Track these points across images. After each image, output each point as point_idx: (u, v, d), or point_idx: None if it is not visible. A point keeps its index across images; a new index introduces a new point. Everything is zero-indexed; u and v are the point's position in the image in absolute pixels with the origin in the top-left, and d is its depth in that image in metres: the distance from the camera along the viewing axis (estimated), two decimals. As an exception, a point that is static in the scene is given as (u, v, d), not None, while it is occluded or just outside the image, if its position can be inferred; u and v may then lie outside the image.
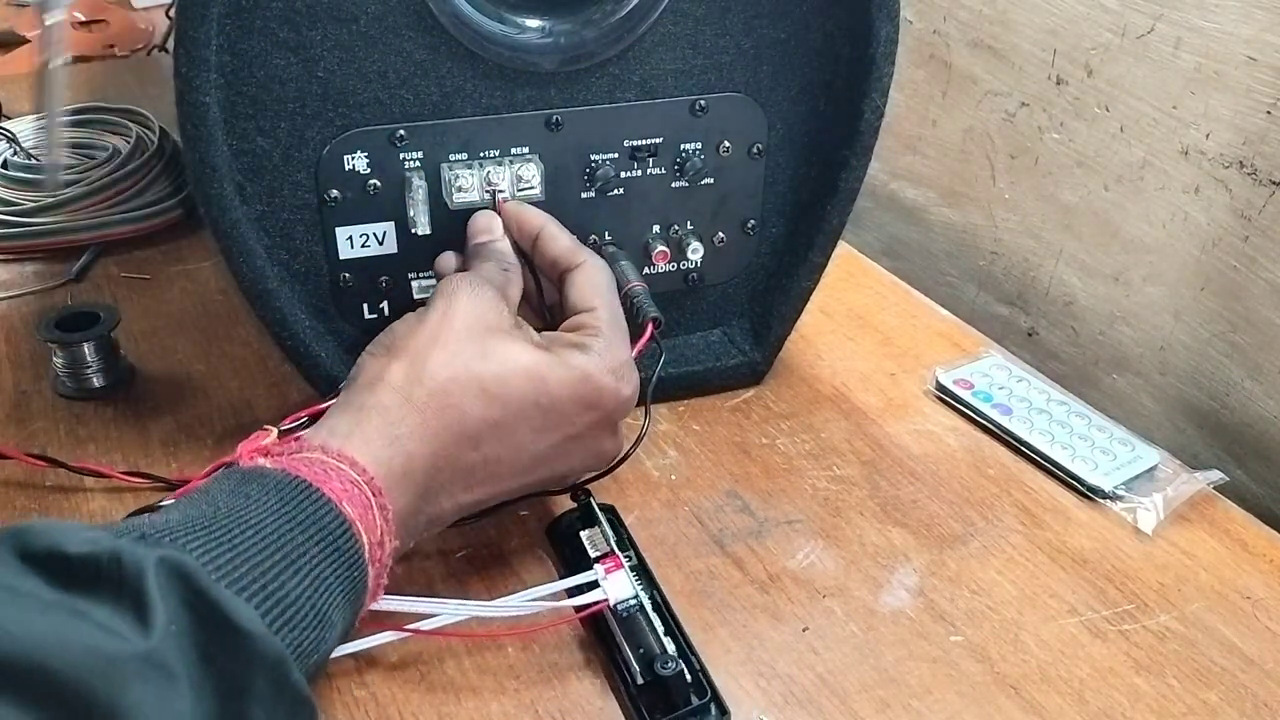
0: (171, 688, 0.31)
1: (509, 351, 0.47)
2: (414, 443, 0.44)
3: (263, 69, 0.52)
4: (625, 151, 0.60)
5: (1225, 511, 0.60)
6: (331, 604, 0.38)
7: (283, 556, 0.37)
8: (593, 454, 0.51)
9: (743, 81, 0.60)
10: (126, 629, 0.31)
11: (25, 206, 0.84)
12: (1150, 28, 0.69)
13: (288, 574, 0.37)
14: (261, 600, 0.35)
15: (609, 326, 0.51)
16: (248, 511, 0.38)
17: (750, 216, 0.65)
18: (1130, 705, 0.48)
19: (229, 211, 0.53)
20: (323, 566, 0.38)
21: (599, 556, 0.51)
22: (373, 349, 0.48)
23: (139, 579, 0.32)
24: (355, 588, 0.40)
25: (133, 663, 0.30)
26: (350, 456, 0.42)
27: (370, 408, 0.44)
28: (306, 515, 0.39)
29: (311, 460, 0.41)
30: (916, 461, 0.63)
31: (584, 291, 0.52)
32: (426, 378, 0.45)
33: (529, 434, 0.47)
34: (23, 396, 0.67)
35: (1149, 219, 0.72)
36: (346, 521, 0.40)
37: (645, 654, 0.47)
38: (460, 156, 0.57)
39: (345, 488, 0.40)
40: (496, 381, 0.46)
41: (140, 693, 0.30)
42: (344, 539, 0.40)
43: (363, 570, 0.40)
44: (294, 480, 0.40)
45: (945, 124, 0.88)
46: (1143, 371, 0.76)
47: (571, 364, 0.48)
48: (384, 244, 0.58)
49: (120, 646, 0.30)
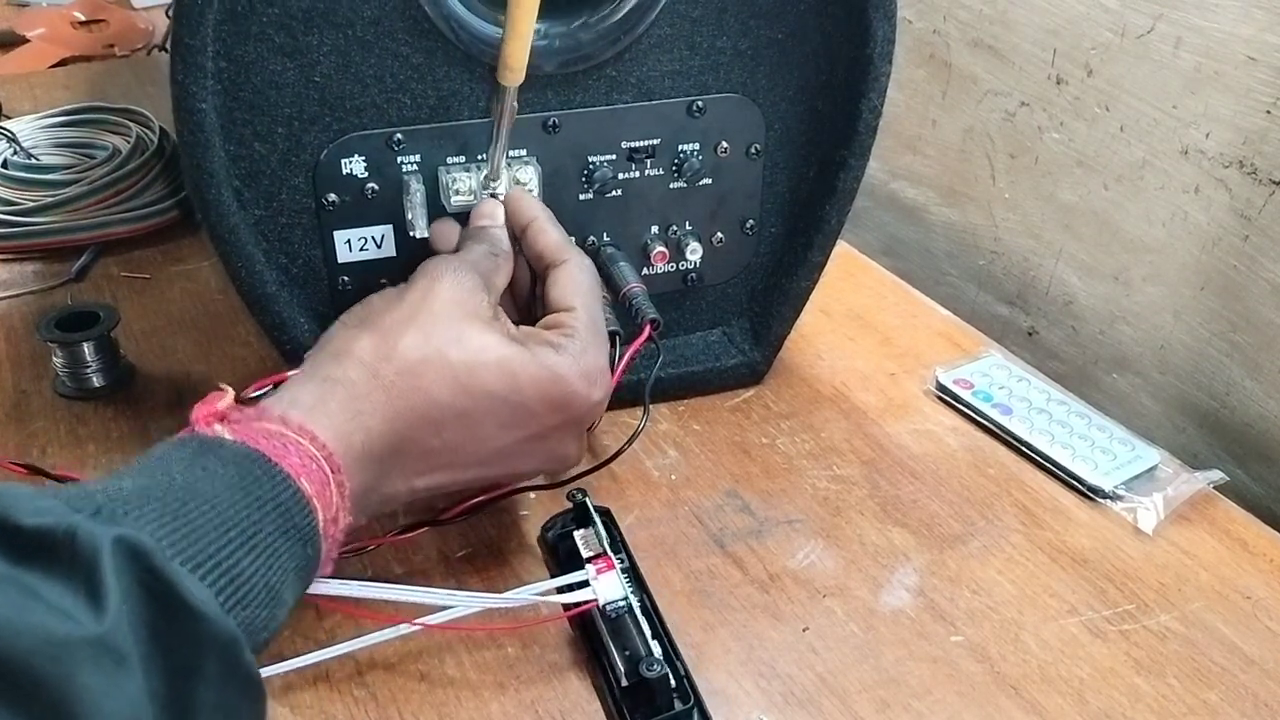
0: (122, 671, 0.30)
1: (484, 341, 0.46)
2: (376, 420, 0.43)
3: (259, 74, 0.52)
4: (623, 153, 0.60)
5: (1225, 511, 0.60)
6: (284, 581, 0.38)
7: (239, 533, 0.36)
8: (555, 456, 0.50)
9: (740, 82, 0.60)
10: (78, 610, 0.30)
11: (25, 206, 0.84)
12: (1150, 27, 0.69)
13: (242, 551, 0.36)
14: (216, 578, 0.35)
15: (586, 328, 0.50)
16: (204, 485, 0.37)
17: (749, 217, 0.65)
18: (1130, 705, 0.48)
19: (227, 217, 0.53)
20: (278, 543, 0.38)
21: (591, 557, 0.51)
22: (346, 319, 0.48)
23: (93, 559, 0.31)
24: (308, 565, 0.40)
25: (84, 647, 0.30)
26: (310, 431, 0.41)
27: (335, 380, 0.43)
28: (264, 491, 0.38)
29: (271, 432, 0.40)
30: (916, 461, 0.63)
31: (565, 290, 0.51)
32: (396, 356, 0.45)
33: (493, 427, 0.47)
34: (23, 396, 0.67)
35: (1149, 219, 0.72)
36: (303, 498, 0.39)
37: (631, 655, 0.47)
38: (458, 160, 0.57)
39: (304, 463, 0.40)
40: (467, 370, 0.45)
41: (90, 677, 0.29)
42: (300, 515, 0.39)
43: (316, 547, 0.40)
44: (252, 454, 0.39)
45: (945, 124, 0.88)
46: (1143, 371, 0.76)
47: (544, 363, 0.47)
48: (382, 247, 0.58)
49: (70, 629, 0.30)
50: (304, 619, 0.50)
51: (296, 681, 0.47)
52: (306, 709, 0.46)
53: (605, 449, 0.60)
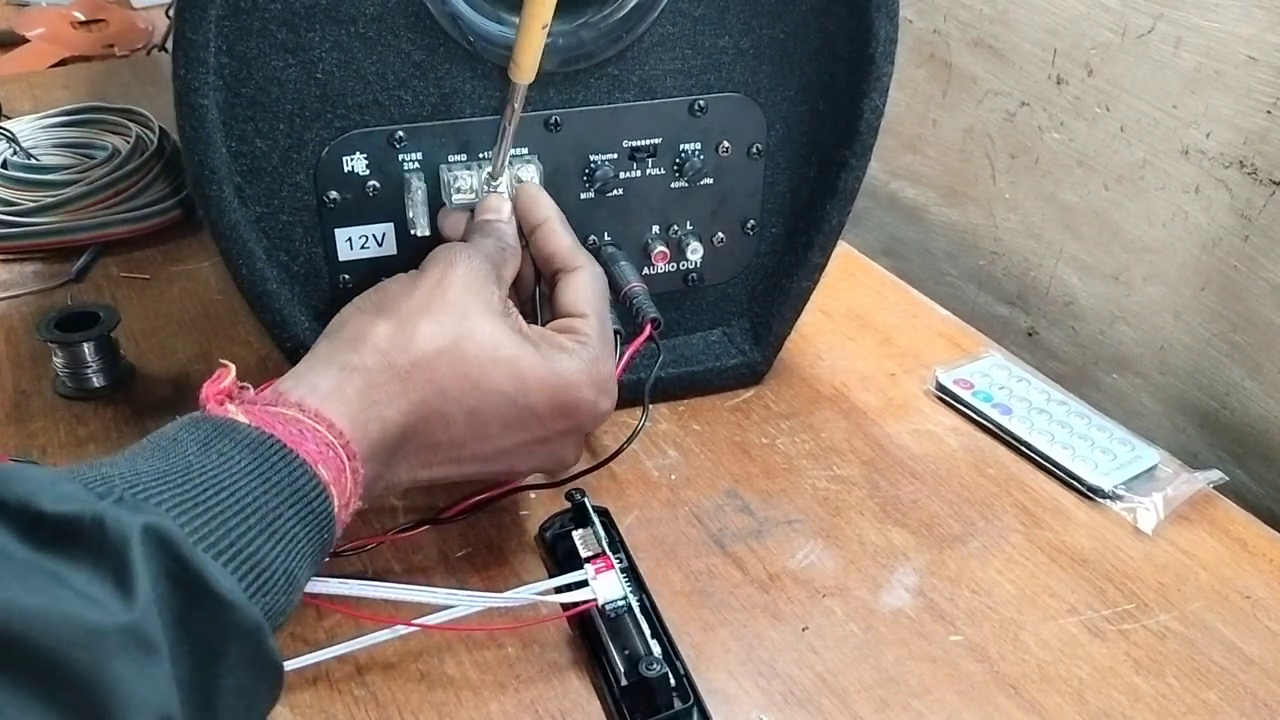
0: (152, 660, 0.30)
1: (497, 338, 0.46)
2: (391, 410, 0.43)
3: (261, 71, 0.52)
4: (624, 152, 0.60)
5: (1225, 511, 0.60)
6: (301, 566, 0.38)
7: (258, 520, 0.36)
8: (555, 459, 0.51)
9: (742, 82, 0.60)
10: (107, 598, 0.30)
11: (25, 206, 0.84)
12: (1150, 27, 0.69)
13: (262, 538, 0.36)
14: (238, 565, 0.35)
15: (599, 337, 0.50)
16: (221, 471, 0.37)
17: (750, 217, 0.65)
18: (1130, 705, 0.48)
19: (228, 214, 0.53)
20: (296, 529, 0.38)
21: (589, 557, 0.51)
22: (360, 304, 0.47)
23: (123, 547, 0.31)
24: (323, 550, 0.40)
25: (115, 635, 0.30)
26: (328, 419, 0.41)
27: (354, 368, 0.43)
28: (281, 478, 0.38)
29: (287, 418, 0.40)
30: (916, 461, 0.63)
31: (579, 296, 0.51)
32: (413, 346, 0.44)
33: (499, 427, 0.47)
34: (23, 396, 0.67)
35: (1149, 219, 0.72)
36: (322, 485, 0.39)
37: (631, 655, 0.47)
38: (459, 158, 0.57)
39: (320, 450, 0.40)
40: (479, 367, 0.45)
41: (122, 666, 0.29)
42: (318, 502, 0.39)
43: (332, 533, 0.40)
44: (268, 440, 0.39)
45: (945, 124, 0.88)
46: (1143, 371, 0.76)
47: (556, 368, 0.47)
48: (383, 245, 0.58)
49: (101, 618, 0.30)
50: (304, 619, 0.50)
51: (296, 681, 0.47)
52: (306, 709, 0.46)
53: (605, 449, 0.60)
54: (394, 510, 0.57)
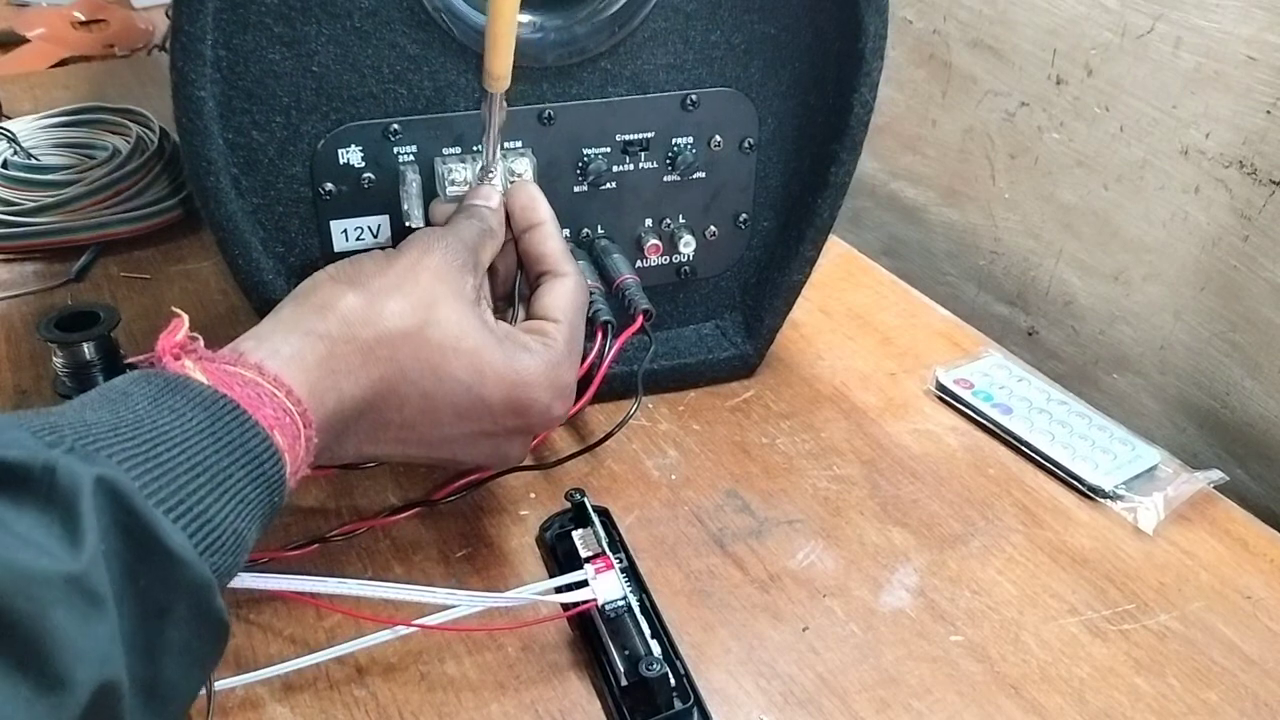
0: (96, 611, 0.30)
1: (463, 326, 0.46)
2: (349, 383, 0.43)
3: (258, 64, 0.52)
4: (617, 146, 0.60)
5: (1225, 511, 0.60)
6: (250, 528, 0.38)
7: (210, 479, 0.36)
8: (499, 454, 0.50)
9: (734, 76, 0.61)
10: (54, 546, 0.30)
11: (25, 206, 0.84)
12: (1150, 28, 0.69)
13: (212, 497, 0.36)
14: (189, 523, 0.34)
15: (566, 344, 0.49)
16: (174, 427, 0.36)
17: (741, 210, 0.65)
18: (1130, 705, 0.48)
19: (225, 205, 0.54)
20: (247, 491, 0.37)
21: (589, 557, 0.51)
22: (332, 272, 0.47)
23: (73, 497, 0.30)
24: (271, 513, 0.40)
25: (60, 584, 0.29)
26: (287, 384, 0.41)
27: (318, 335, 0.43)
28: (235, 439, 0.38)
29: (246, 380, 0.40)
30: (916, 461, 0.63)
31: (558, 302, 0.51)
32: (379, 322, 0.44)
33: (451, 415, 0.47)
34: (23, 397, 0.67)
35: (1149, 219, 0.72)
36: (276, 450, 0.39)
37: (631, 655, 0.47)
38: (454, 150, 0.57)
39: (277, 415, 0.39)
40: (442, 354, 0.45)
41: (64, 615, 0.29)
42: (271, 465, 0.39)
43: (282, 497, 0.40)
44: (224, 401, 0.38)
45: (945, 124, 0.88)
46: (1143, 371, 0.76)
47: (516, 365, 0.47)
48: (378, 237, 0.59)
49: (47, 565, 0.29)
50: (304, 619, 0.50)
51: (296, 681, 0.47)
52: (306, 709, 0.46)
53: (595, 436, 0.61)
54: (383, 493, 0.57)
